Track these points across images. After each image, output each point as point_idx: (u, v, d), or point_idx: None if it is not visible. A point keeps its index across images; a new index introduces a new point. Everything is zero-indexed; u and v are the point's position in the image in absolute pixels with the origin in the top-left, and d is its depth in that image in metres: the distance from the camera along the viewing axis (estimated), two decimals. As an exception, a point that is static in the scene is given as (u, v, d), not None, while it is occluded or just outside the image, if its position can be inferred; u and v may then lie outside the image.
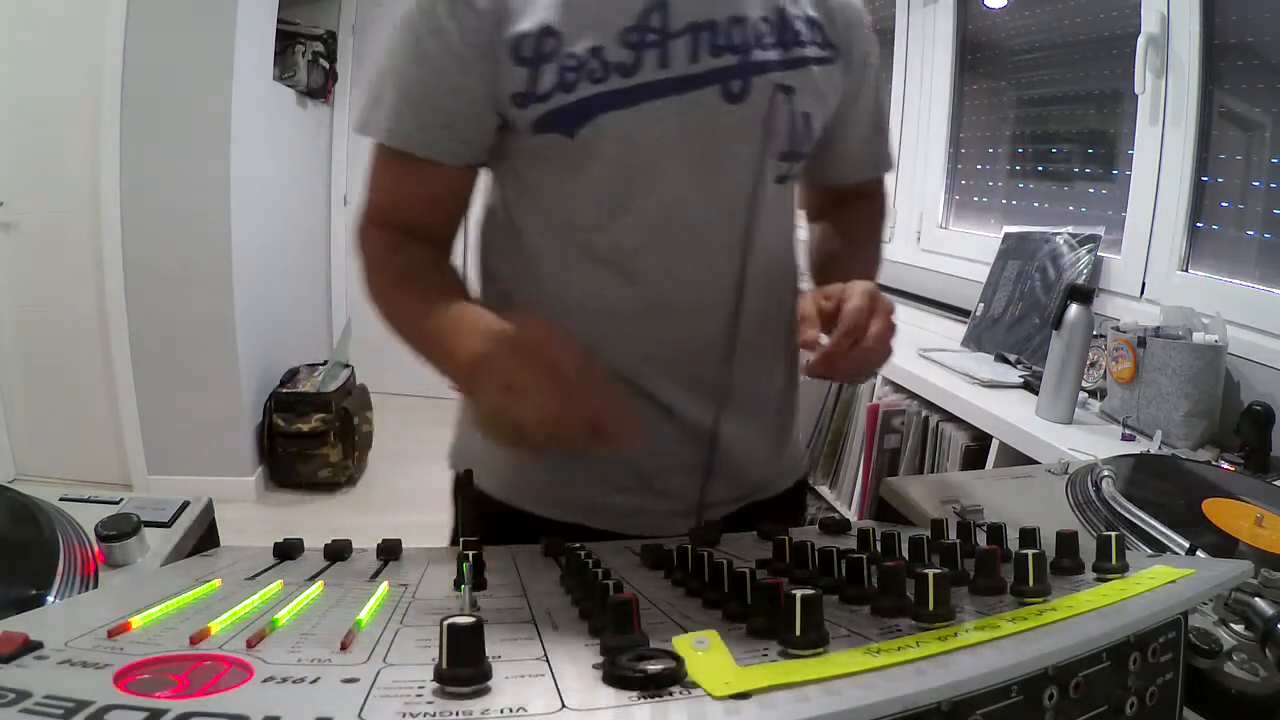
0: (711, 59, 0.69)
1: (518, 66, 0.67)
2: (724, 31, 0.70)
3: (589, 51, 0.67)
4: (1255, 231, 1.51)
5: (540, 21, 0.66)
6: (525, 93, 0.67)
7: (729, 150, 0.71)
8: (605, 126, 0.67)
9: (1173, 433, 1.30)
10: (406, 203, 0.75)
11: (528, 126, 0.69)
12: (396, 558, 0.50)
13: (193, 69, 2.67)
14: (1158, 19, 1.59)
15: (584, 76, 0.67)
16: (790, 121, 0.73)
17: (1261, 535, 0.62)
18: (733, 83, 0.70)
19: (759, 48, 0.71)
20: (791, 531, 0.57)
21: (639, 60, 0.67)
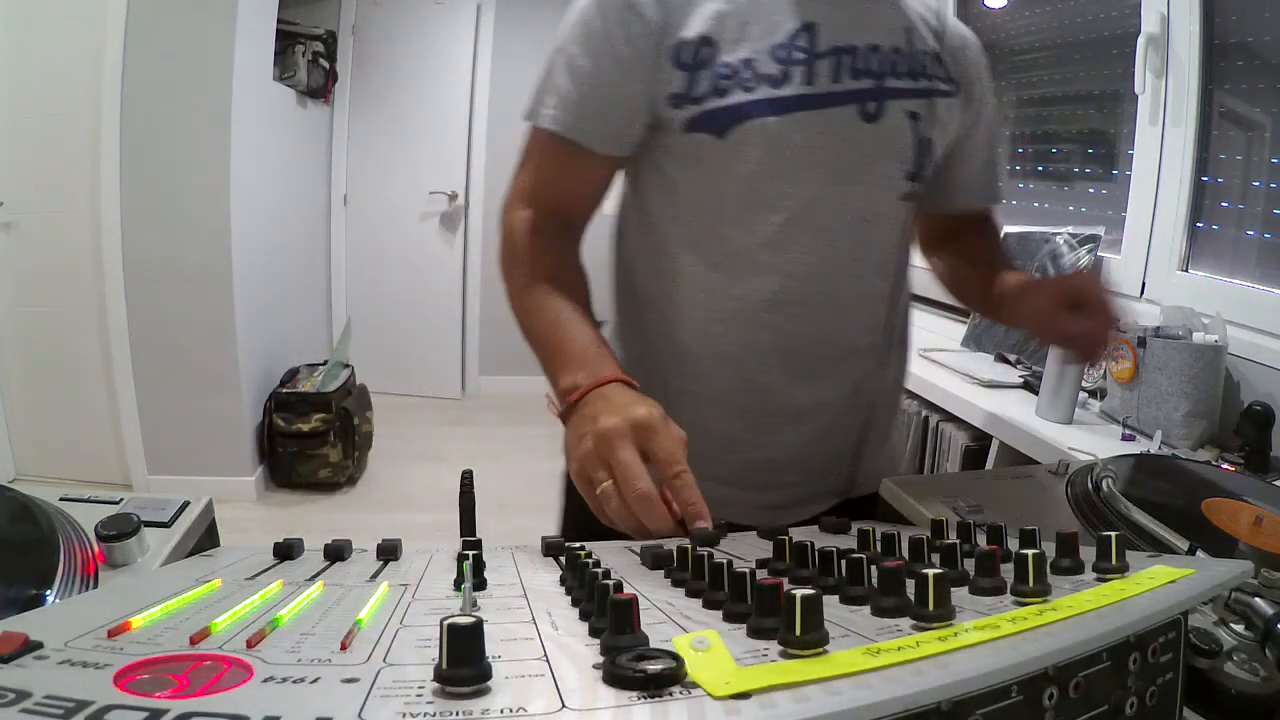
0: (851, 81, 0.77)
1: (677, 70, 0.74)
2: (863, 57, 0.77)
3: (742, 62, 0.74)
4: (1255, 231, 1.51)
5: (699, 32, 0.74)
6: (682, 94, 0.75)
7: (861, 164, 0.78)
8: (754, 131, 0.74)
9: (1173, 433, 1.30)
10: (558, 186, 0.81)
11: (680, 125, 0.76)
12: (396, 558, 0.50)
13: (193, 69, 2.67)
14: (1158, 19, 1.59)
15: (737, 84, 0.74)
16: (916, 145, 0.80)
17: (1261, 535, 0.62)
18: (869, 104, 0.77)
19: (892, 75, 0.79)
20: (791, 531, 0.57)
21: (787, 75, 0.75)
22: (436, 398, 4.42)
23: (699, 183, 0.78)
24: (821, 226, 0.78)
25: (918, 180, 0.82)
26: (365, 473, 3.34)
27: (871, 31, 0.78)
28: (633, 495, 0.56)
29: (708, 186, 0.78)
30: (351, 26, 4.09)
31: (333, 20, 3.98)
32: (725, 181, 0.77)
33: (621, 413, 0.60)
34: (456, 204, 4.26)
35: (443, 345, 4.42)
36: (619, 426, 0.59)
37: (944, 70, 0.83)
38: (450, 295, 4.37)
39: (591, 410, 0.63)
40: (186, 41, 2.66)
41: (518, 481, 3.40)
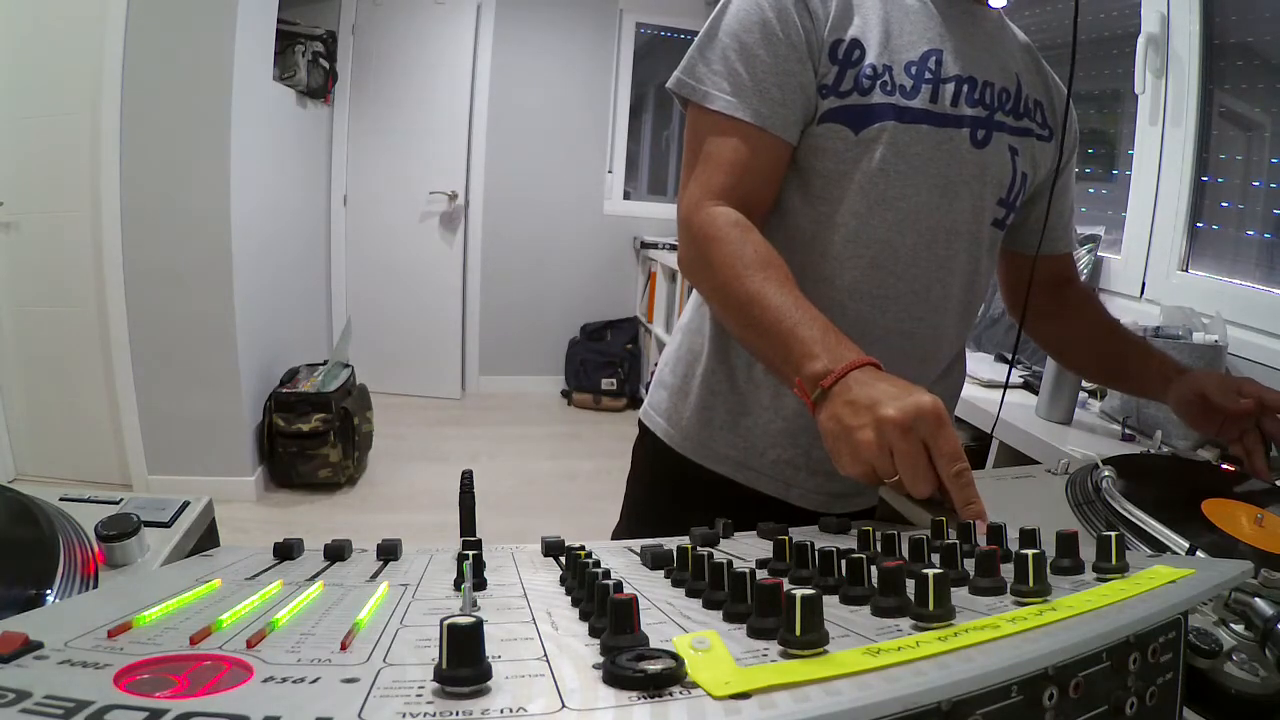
0: (968, 108, 0.84)
1: (831, 64, 0.81)
2: (979, 89, 0.85)
3: (883, 68, 0.81)
4: (1255, 231, 1.51)
5: (853, 35, 0.81)
6: (830, 86, 0.81)
7: (965, 182, 0.85)
8: (884, 131, 0.81)
9: (1173, 433, 1.30)
10: (748, 176, 0.82)
11: (822, 114, 0.82)
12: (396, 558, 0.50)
13: (193, 69, 2.67)
14: (1158, 19, 1.59)
15: (878, 86, 0.81)
16: (1013, 175, 0.89)
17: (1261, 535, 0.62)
18: (979, 131, 0.85)
19: (1000, 111, 0.87)
20: (791, 531, 0.57)
21: (917, 89, 0.82)
22: (436, 398, 4.42)
23: (825, 173, 0.83)
24: (923, 231, 0.84)
25: (1009, 209, 0.90)
26: (365, 473, 3.34)
27: (988, 69, 0.86)
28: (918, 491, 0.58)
29: (834, 178, 0.83)
30: (351, 26, 4.09)
31: (333, 20, 3.98)
32: (851, 174, 0.82)
33: (901, 401, 0.59)
34: (456, 204, 4.25)
35: (443, 345, 4.42)
36: (902, 417, 0.58)
37: (1043, 117, 0.91)
38: (450, 295, 4.37)
39: (860, 395, 0.62)
40: (186, 41, 2.65)
41: (518, 481, 3.40)
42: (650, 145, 5.20)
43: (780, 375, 0.73)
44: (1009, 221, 0.93)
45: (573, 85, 4.48)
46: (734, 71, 0.80)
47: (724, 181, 0.81)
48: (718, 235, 0.79)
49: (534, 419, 4.30)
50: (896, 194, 0.83)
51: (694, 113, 0.83)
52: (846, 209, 0.83)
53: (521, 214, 4.51)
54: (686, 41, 0.90)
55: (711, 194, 0.81)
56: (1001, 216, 0.90)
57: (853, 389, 0.63)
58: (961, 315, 0.92)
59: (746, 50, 0.79)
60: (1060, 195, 0.98)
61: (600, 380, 4.48)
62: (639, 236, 4.64)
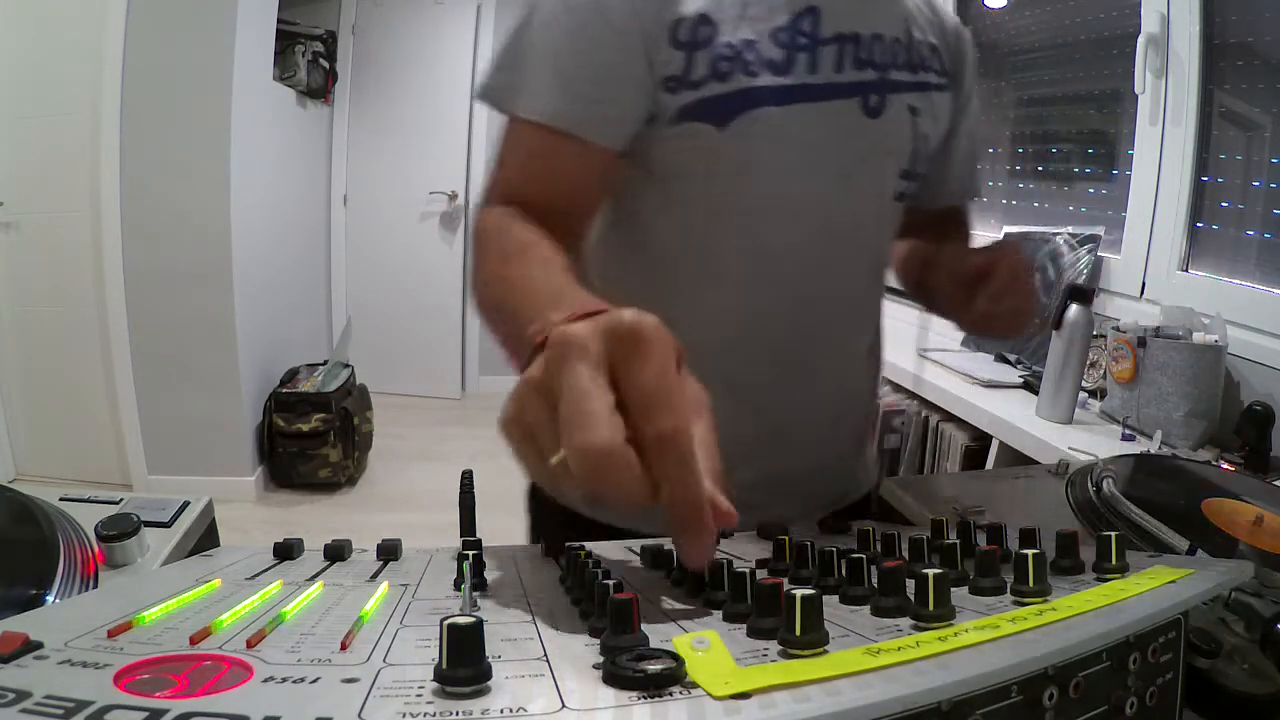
0: (854, 71, 0.70)
1: (674, 50, 0.66)
2: (866, 46, 0.71)
3: (744, 44, 0.67)
4: (1255, 231, 1.51)
5: (698, 8, 0.66)
6: (678, 77, 0.66)
7: (863, 161, 0.73)
8: (755, 122, 0.67)
9: (1173, 433, 1.30)
10: (547, 184, 0.69)
11: (674, 113, 0.67)
12: (396, 558, 0.50)
13: (193, 69, 2.68)
14: (1158, 19, 1.59)
15: (738, 68, 0.66)
16: (914, 141, 0.75)
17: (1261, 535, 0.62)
18: (871, 97, 0.71)
19: (894, 67, 0.73)
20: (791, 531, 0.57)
21: (790, 61, 0.68)
22: (436, 398, 4.42)
23: (692, 179, 0.71)
24: (818, 229, 0.73)
25: (911, 179, 0.78)
26: (365, 473, 3.34)
27: (873, 20, 0.72)
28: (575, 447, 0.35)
29: (702, 184, 0.70)
30: (351, 26, 4.09)
31: (333, 20, 3.98)
32: (723, 178, 0.70)
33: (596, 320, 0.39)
34: (456, 204, 4.26)
35: (443, 345, 4.42)
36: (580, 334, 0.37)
37: (939, 62, 0.78)
38: (450, 295, 4.37)
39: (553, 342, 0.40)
40: (186, 41, 2.66)
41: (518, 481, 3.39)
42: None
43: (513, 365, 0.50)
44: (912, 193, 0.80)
45: (573, 85, 4.48)
46: (545, 70, 0.65)
47: (518, 186, 0.69)
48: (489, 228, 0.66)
49: (534, 419, 4.29)
50: (781, 192, 0.71)
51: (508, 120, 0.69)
52: (723, 220, 0.71)
53: (521, 214, 4.50)
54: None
55: (499, 196, 0.69)
56: (904, 190, 0.78)
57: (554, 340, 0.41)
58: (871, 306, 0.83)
59: (562, 43, 0.65)
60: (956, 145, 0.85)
61: (600, 380, 4.47)
62: (639, 236, 4.64)
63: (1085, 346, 1.39)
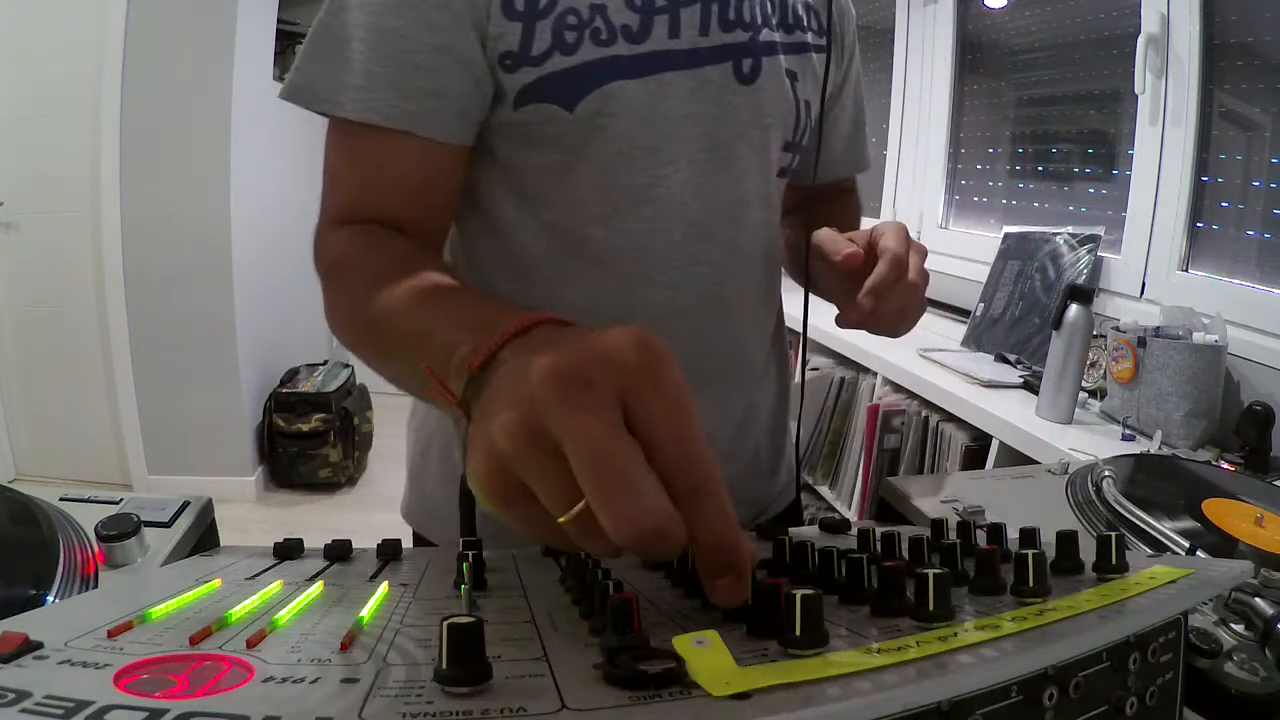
0: (722, 33, 0.62)
1: (509, 20, 0.57)
2: (733, 4, 0.63)
3: (591, 9, 0.58)
4: (1255, 231, 1.51)
5: None
6: (516, 53, 0.57)
7: (739, 135, 0.65)
8: (611, 98, 0.59)
9: (1173, 433, 1.30)
10: (384, 194, 0.60)
11: (515, 94, 0.58)
12: (396, 558, 0.50)
13: (193, 69, 2.68)
14: (1158, 19, 1.59)
15: (587, 37, 0.58)
16: (796, 109, 0.68)
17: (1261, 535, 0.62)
18: (744, 61, 0.63)
19: (766, 27, 0.65)
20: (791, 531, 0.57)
21: (647, 25, 0.59)
22: (436, 398, 4.41)
23: (544, 170, 0.62)
24: (696, 216, 0.64)
25: (796, 151, 0.71)
26: (365, 473, 3.34)
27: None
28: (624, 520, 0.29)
29: (556, 174, 0.62)
30: (351, 26, 4.09)
31: (333, 20, 3.98)
32: (577, 166, 0.61)
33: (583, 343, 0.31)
34: (456, 204, 4.25)
35: (443, 345, 4.42)
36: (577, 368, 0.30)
37: (816, 20, 0.70)
38: (450, 295, 4.36)
39: (515, 367, 0.34)
40: (186, 42, 2.66)
41: (518, 481, 3.40)
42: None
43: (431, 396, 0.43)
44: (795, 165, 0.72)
45: (573, 85, 4.48)
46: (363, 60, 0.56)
47: (356, 201, 0.60)
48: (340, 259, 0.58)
49: (534, 419, 4.30)
50: (647, 177, 0.62)
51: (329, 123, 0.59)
52: (580, 212, 0.63)
53: (521, 214, 4.51)
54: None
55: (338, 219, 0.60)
56: (788, 163, 0.71)
57: (510, 361, 0.37)
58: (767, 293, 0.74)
59: (379, 27, 0.55)
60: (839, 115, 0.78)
61: (600, 380, 4.48)
62: (639, 236, 4.64)
63: (1085, 346, 1.39)
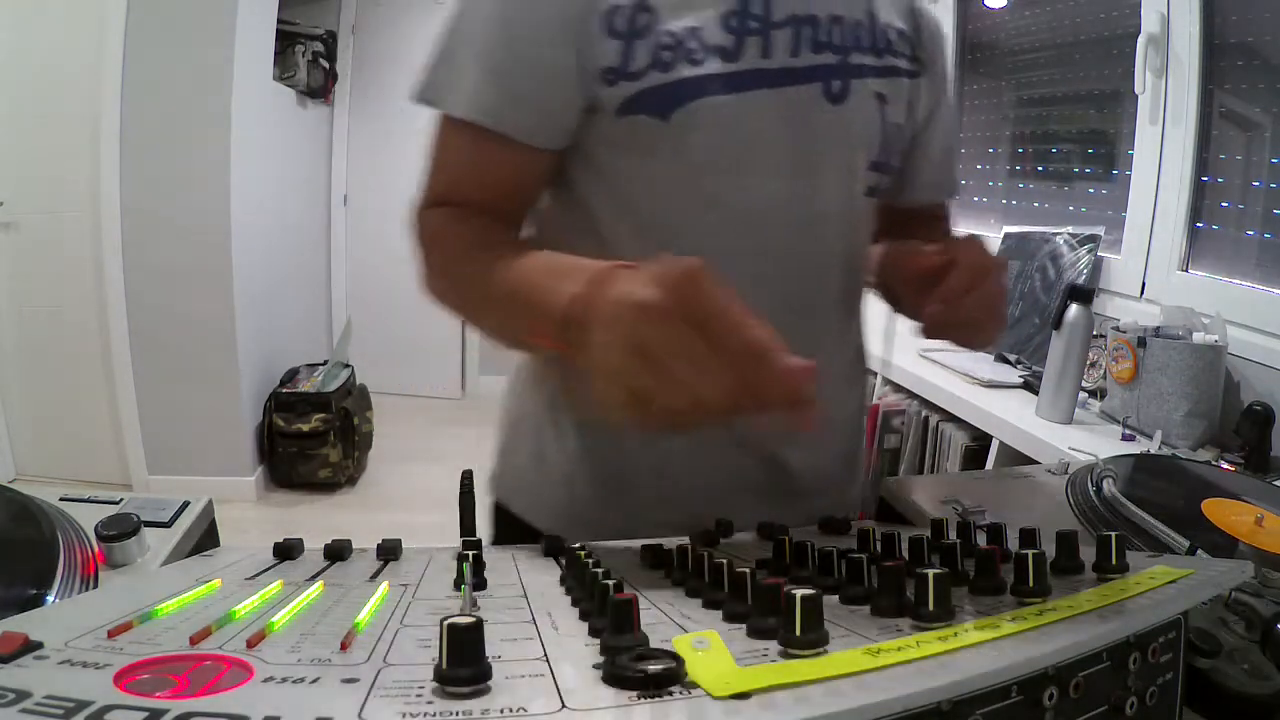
0: (813, 55, 0.66)
1: (610, 39, 0.62)
2: (824, 28, 0.66)
3: (687, 31, 0.62)
4: (1255, 231, 1.51)
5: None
6: (616, 68, 0.62)
7: (826, 152, 0.68)
8: (702, 112, 0.63)
9: (1173, 433, 1.30)
10: (479, 186, 0.68)
11: (615, 106, 0.63)
12: (396, 558, 0.50)
13: (193, 69, 2.67)
14: (1158, 19, 1.59)
15: (681, 56, 0.62)
16: (884, 130, 0.71)
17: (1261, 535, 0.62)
18: (833, 82, 0.67)
19: (857, 50, 0.69)
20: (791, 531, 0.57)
21: (740, 46, 0.63)
22: (436, 398, 4.42)
23: (639, 176, 0.67)
24: (781, 225, 0.68)
25: (885, 171, 0.74)
26: (365, 473, 3.34)
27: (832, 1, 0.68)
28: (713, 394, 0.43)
29: (649, 180, 0.67)
30: (351, 26, 4.09)
31: (333, 20, 3.98)
32: (669, 173, 0.66)
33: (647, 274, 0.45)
34: (456, 204, 4.26)
35: (443, 345, 4.42)
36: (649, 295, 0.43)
37: (908, 48, 0.74)
38: (450, 295, 4.37)
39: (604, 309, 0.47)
40: (186, 42, 2.66)
41: (518, 481, 3.40)
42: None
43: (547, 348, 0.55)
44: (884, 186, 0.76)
45: (573, 85, 4.48)
46: (474, 68, 0.63)
47: (453, 188, 0.68)
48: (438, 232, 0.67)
49: (534, 419, 4.30)
50: (735, 187, 0.66)
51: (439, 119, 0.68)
52: (670, 216, 0.67)
53: (521, 214, 4.51)
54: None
55: (435, 199, 0.69)
56: (875, 184, 0.74)
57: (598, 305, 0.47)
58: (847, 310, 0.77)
59: (489, 40, 0.63)
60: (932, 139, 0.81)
61: (600, 380, 4.48)
62: (639, 236, 4.64)
63: (1085, 346, 1.39)
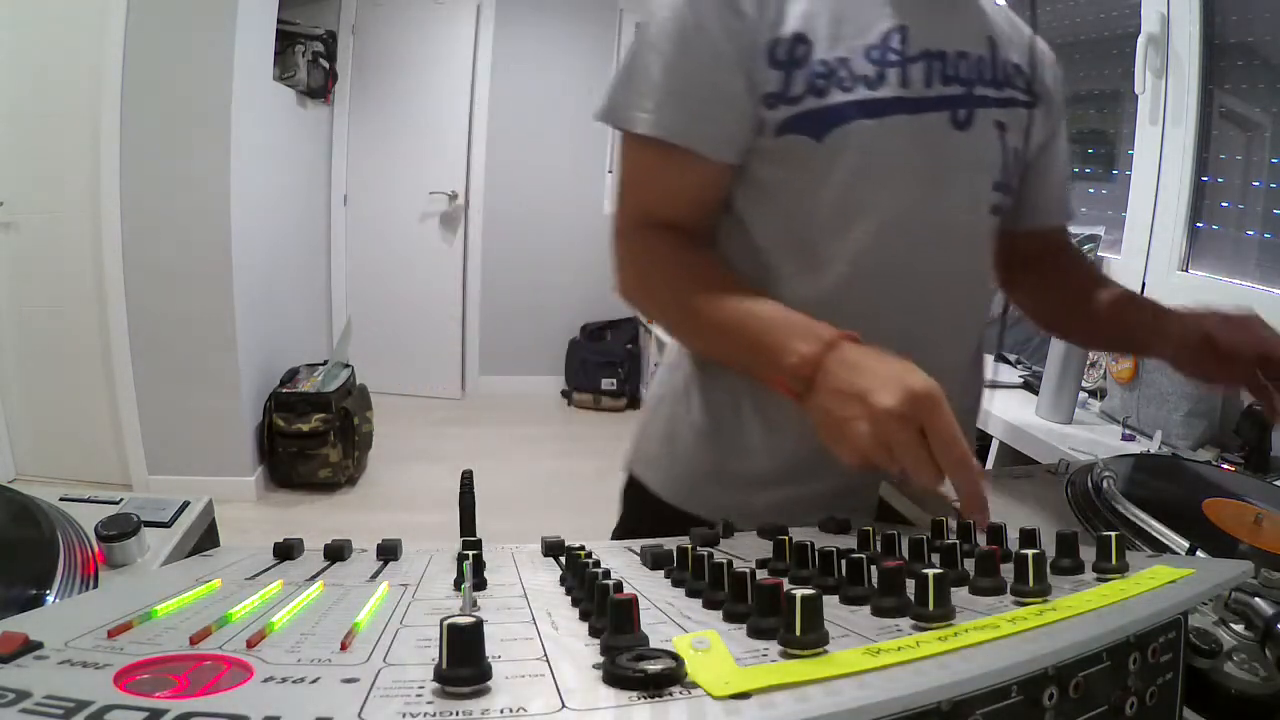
0: (942, 86, 0.75)
1: (772, 69, 0.72)
2: (952, 63, 0.76)
3: (838, 61, 0.72)
4: (1255, 231, 1.51)
5: (794, 29, 0.72)
6: (777, 94, 0.72)
7: (953, 173, 0.77)
8: (851, 134, 0.72)
9: (1173, 433, 1.30)
10: (672, 201, 0.77)
11: (774, 127, 0.73)
12: (396, 558, 0.50)
13: (193, 69, 2.67)
14: (1158, 19, 1.59)
15: (834, 84, 0.72)
16: (1004, 155, 0.80)
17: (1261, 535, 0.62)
18: (960, 111, 0.76)
19: (980, 83, 0.78)
20: (791, 531, 0.57)
21: (882, 76, 0.73)
22: (436, 398, 4.42)
23: (791, 187, 0.76)
24: (912, 235, 0.76)
25: (1006, 192, 0.83)
26: (365, 473, 3.34)
27: (959, 38, 0.77)
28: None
29: (800, 191, 0.76)
30: (351, 26, 4.09)
31: (333, 20, 3.98)
32: (819, 186, 0.75)
33: (893, 385, 0.56)
34: (456, 204, 4.26)
35: (443, 345, 4.42)
36: (896, 406, 0.55)
37: (1025, 81, 0.83)
38: (450, 295, 4.37)
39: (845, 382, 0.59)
40: (186, 41, 2.66)
41: (518, 481, 3.40)
42: (650, 145, 5.19)
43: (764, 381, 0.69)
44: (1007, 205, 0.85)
45: (573, 85, 4.48)
46: (656, 90, 0.72)
47: (652, 208, 0.77)
48: (657, 259, 0.76)
49: (534, 419, 4.30)
50: (875, 200, 0.75)
51: (624, 138, 0.76)
52: (818, 224, 0.76)
53: (521, 214, 4.51)
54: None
55: (641, 221, 0.77)
56: (999, 202, 0.83)
57: (836, 375, 0.60)
58: (971, 318, 0.86)
59: (669, 65, 0.72)
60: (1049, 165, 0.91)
61: (600, 380, 4.48)
62: (639, 236, 4.64)
63: (1085, 346, 1.39)
